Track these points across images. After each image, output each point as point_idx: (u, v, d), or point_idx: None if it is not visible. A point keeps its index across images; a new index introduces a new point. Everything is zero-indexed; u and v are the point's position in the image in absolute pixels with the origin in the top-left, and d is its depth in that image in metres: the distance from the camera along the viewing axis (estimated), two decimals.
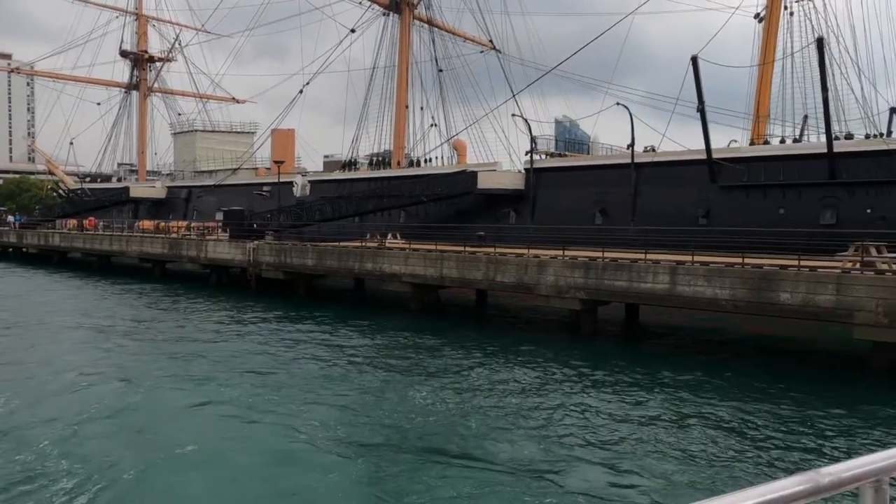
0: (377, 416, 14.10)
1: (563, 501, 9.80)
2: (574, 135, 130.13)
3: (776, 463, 11.46)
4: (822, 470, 1.52)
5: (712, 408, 14.91)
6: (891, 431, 13.55)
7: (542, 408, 14.85)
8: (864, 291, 17.66)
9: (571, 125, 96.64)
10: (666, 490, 10.12)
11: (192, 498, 10.05)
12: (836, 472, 1.53)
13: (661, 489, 10.23)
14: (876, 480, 1.59)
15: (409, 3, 56.53)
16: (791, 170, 32.42)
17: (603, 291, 22.81)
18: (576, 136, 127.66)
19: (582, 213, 38.60)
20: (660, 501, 9.59)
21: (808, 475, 1.49)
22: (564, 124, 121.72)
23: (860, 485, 1.59)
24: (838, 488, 1.52)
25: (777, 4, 39.30)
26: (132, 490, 10.14)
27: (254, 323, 26.88)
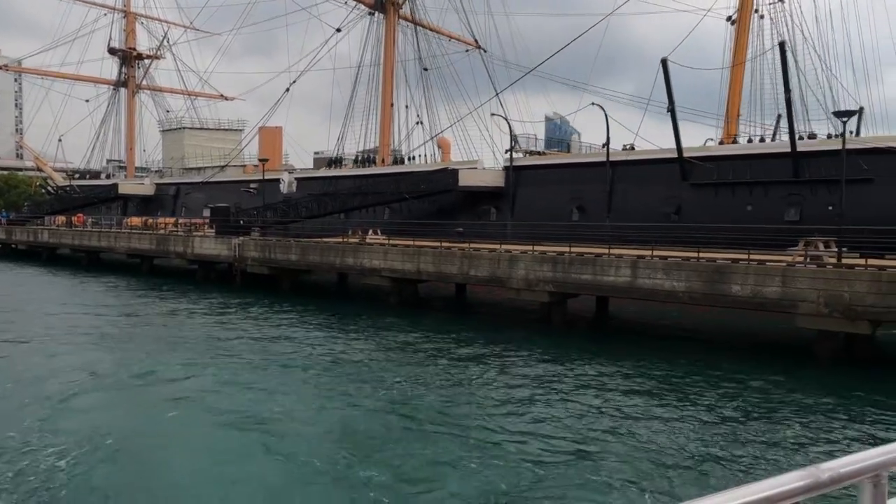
0: (351, 397, 15.17)
1: (529, 470, 10.90)
2: (564, 132, 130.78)
3: (739, 445, 12.51)
4: (821, 465, 1.52)
5: (665, 391, 16.08)
6: (834, 415, 14.70)
7: (507, 393, 15.99)
8: (807, 283, 18.89)
9: (562, 122, 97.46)
10: (624, 468, 11.19)
11: (174, 469, 11.09)
12: (836, 467, 1.52)
13: (617, 468, 11.33)
14: (875, 475, 1.59)
15: (395, 2, 57.44)
16: (758, 168, 33.69)
17: (570, 284, 23.97)
18: (566, 133, 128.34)
19: (560, 210, 39.77)
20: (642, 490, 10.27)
21: (807, 470, 1.49)
22: (555, 121, 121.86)
23: (859, 480, 1.58)
24: (837, 483, 1.52)
25: (748, 7, 40.56)
26: (119, 454, 11.18)
27: (236, 315, 27.88)
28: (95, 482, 10.29)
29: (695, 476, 10.73)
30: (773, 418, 14.04)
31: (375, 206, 45.94)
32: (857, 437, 12.94)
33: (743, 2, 40.66)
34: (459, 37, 61.96)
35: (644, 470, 10.93)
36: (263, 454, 11.59)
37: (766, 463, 11.43)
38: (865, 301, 18.00)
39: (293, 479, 10.54)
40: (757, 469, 11.06)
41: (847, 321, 18.31)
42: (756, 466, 11.23)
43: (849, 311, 18.23)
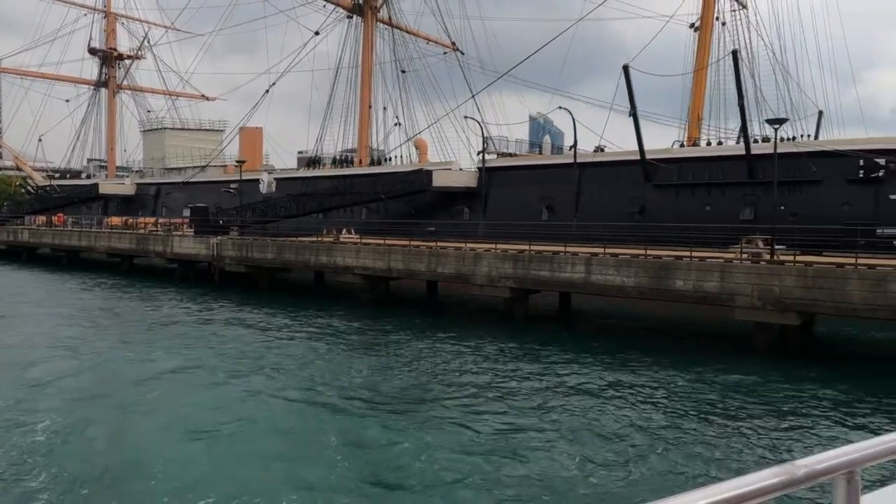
0: (317, 385, 16.37)
1: (483, 449, 12.17)
2: (549, 131, 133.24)
3: (686, 428, 13.87)
4: (797, 462, 1.54)
5: (616, 381, 17.45)
6: (769, 397, 16.10)
7: (461, 380, 17.27)
8: (743, 278, 20.36)
9: (546, 122, 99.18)
10: (569, 447, 12.46)
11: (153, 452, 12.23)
12: (811, 463, 1.54)
13: (566, 449, 12.62)
14: (849, 472, 1.62)
15: (372, 6, 58.51)
16: (715, 170, 35.29)
17: (529, 280, 25.32)
18: (550, 132, 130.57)
19: (530, 210, 41.18)
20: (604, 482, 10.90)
21: (783, 467, 1.50)
22: (538, 121, 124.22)
23: (833, 476, 1.61)
24: (813, 480, 1.54)
25: (710, 15, 42.21)
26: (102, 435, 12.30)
27: (211, 311, 28.94)
28: (73, 449, 11.42)
29: (643, 452, 12.01)
30: (715, 403, 15.43)
31: (353, 205, 47.09)
32: (783, 421, 14.35)
33: (705, 10, 42.32)
34: (437, 39, 63.13)
35: (591, 446, 12.27)
36: (226, 427, 12.78)
37: (703, 438, 12.80)
38: (794, 294, 19.51)
39: (247, 452, 11.72)
40: (697, 443, 12.39)
41: (778, 313, 19.81)
42: (696, 443, 12.58)
43: (779, 303, 19.73)
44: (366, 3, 58.26)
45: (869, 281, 18.30)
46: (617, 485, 10.33)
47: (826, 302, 19.03)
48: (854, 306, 18.63)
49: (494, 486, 10.24)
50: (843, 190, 32.01)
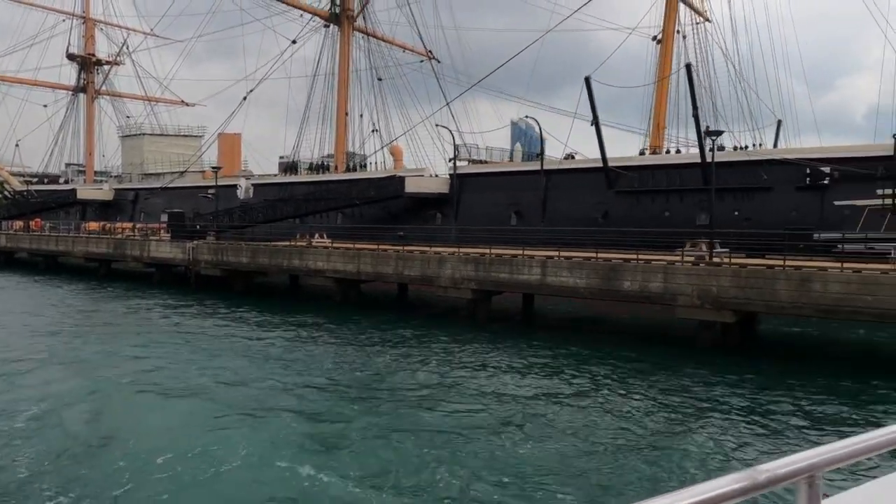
0: (277, 375, 17.50)
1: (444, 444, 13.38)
2: (530, 136, 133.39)
3: (634, 421, 15.17)
4: (759, 467, 1.56)
5: (568, 378, 18.78)
6: (708, 394, 17.48)
7: (418, 376, 18.51)
8: (684, 279, 21.83)
9: (528, 127, 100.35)
10: (520, 442, 13.67)
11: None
12: (773, 468, 1.56)
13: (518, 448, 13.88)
14: (809, 476, 1.64)
15: (349, 16, 59.75)
16: (673, 177, 36.95)
17: (490, 282, 26.64)
18: (532, 137, 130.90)
19: (499, 215, 42.58)
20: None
21: (745, 473, 1.52)
22: (520, 126, 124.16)
23: (795, 480, 1.63)
24: (775, 484, 1.56)
25: (671, 29, 44.00)
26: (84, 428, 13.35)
27: (181, 313, 29.91)
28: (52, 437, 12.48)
29: (594, 445, 13.26)
30: (662, 397, 16.77)
31: (328, 211, 48.20)
32: (722, 409, 15.73)
33: (667, 24, 44.11)
34: (412, 48, 64.43)
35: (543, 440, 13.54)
36: (190, 415, 13.89)
37: (653, 428, 14.12)
38: (729, 293, 21.00)
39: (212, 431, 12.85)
40: (648, 434, 13.67)
41: (715, 311, 21.28)
42: (646, 434, 13.87)
43: (716, 302, 21.21)
44: (342, 13, 59.50)
45: (795, 281, 19.82)
46: (554, 482, 10.85)
47: (757, 301, 20.54)
48: (782, 304, 20.14)
49: (431, 466, 11.46)
50: (792, 196, 33.75)
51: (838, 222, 31.45)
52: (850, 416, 14.71)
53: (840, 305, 19.08)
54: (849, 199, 31.41)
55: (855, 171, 31.73)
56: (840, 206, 31.60)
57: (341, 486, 10.44)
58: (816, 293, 19.38)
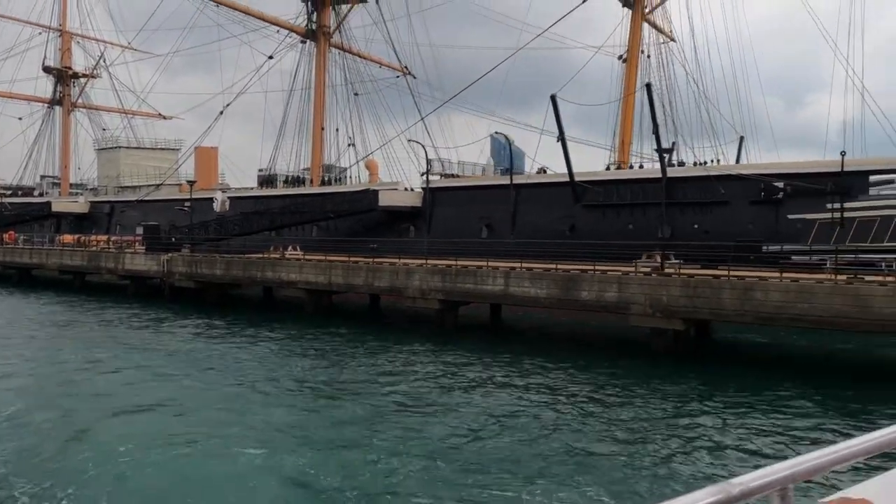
0: (244, 380, 18.24)
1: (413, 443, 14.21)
2: (509, 150, 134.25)
3: (593, 423, 16.14)
4: (732, 480, 1.58)
5: (525, 383, 19.73)
6: (660, 395, 18.50)
7: (381, 379, 19.34)
8: (637, 289, 22.97)
9: (507, 141, 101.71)
10: (488, 447, 14.58)
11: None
12: (746, 481, 1.58)
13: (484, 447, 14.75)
14: (782, 489, 1.67)
15: (325, 32, 60.79)
16: (637, 191, 38.30)
17: (456, 293, 27.60)
18: (511, 151, 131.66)
19: (471, 228, 43.64)
20: None
21: (719, 486, 1.54)
22: (499, 140, 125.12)
23: (768, 493, 1.65)
24: (748, 497, 1.58)
25: (636, 48, 45.64)
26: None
27: (159, 323, 30.43)
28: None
29: (559, 453, 14.17)
30: (618, 399, 17.79)
31: (303, 223, 48.93)
32: (672, 408, 16.77)
33: (632, 44, 45.74)
34: (389, 64, 65.54)
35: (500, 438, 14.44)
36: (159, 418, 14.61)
37: (613, 430, 15.08)
38: (679, 302, 22.16)
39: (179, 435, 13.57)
40: (609, 437, 14.62)
41: (666, 319, 22.43)
42: (607, 437, 14.84)
43: (666, 310, 22.36)
44: (319, 29, 60.54)
45: (738, 290, 21.04)
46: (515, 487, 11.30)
47: (704, 309, 21.73)
48: (727, 312, 21.35)
49: (385, 461, 12.32)
50: (748, 210, 35.22)
51: (791, 235, 32.94)
52: (780, 419, 15.84)
53: (780, 313, 20.31)
54: (801, 213, 33.00)
55: (806, 187, 33.30)
56: (793, 219, 33.13)
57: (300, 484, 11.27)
58: (758, 301, 20.60)
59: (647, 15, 46.55)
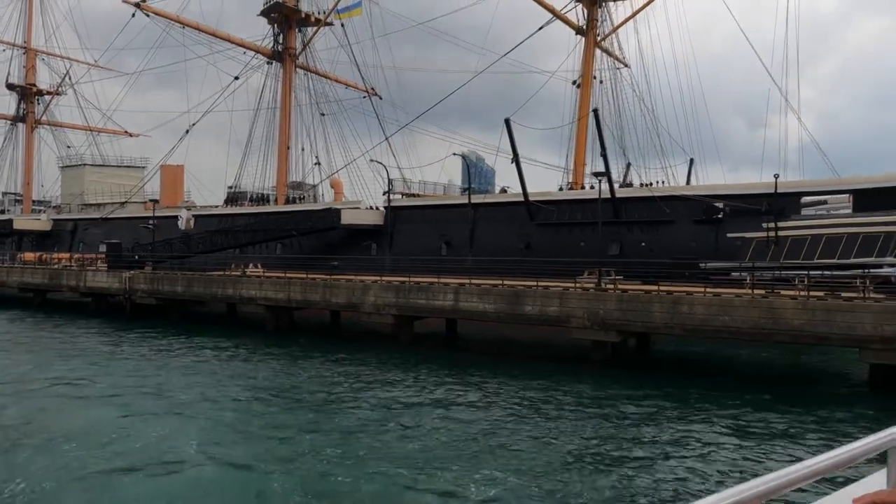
0: (200, 392, 19.09)
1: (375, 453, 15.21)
2: (479, 169, 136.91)
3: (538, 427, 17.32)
4: (707, 498, 1.62)
5: (468, 393, 20.89)
6: (598, 402, 19.77)
7: (332, 390, 20.35)
8: (576, 303, 24.39)
9: (478, 160, 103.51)
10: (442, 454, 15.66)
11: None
12: (721, 499, 1.62)
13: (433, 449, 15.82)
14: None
15: (291, 53, 62.00)
16: (588, 211, 40.00)
17: (409, 308, 28.75)
18: (481, 170, 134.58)
19: (431, 245, 44.88)
20: None
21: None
22: (470, 159, 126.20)
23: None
24: None
25: (589, 74, 47.71)
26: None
27: (119, 340, 30.97)
28: None
29: (502, 457, 15.30)
30: (553, 408, 19.04)
31: (267, 241, 49.70)
32: (608, 412, 18.06)
33: (585, 70, 47.80)
34: (355, 85, 66.94)
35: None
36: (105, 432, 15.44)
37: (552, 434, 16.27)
38: (613, 316, 23.63)
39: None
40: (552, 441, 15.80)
41: (603, 331, 23.87)
42: (550, 440, 16.02)
43: (603, 323, 23.80)
44: (285, 51, 61.72)
45: (667, 304, 22.59)
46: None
47: (637, 322, 23.22)
48: (657, 325, 22.87)
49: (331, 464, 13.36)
50: (691, 229, 37.11)
51: (731, 253, 34.86)
52: (712, 425, 17.26)
53: (704, 325, 21.89)
54: (739, 231, 34.98)
55: (744, 207, 35.32)
56: (732, 237, 35.08)
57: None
58: (685, 314, 22.16)
59: (601, 42, 48.71)
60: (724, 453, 14.12)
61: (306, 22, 61.75)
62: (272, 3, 60.06)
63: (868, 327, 19.34)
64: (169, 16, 54.74)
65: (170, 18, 54.50)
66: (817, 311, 20.10)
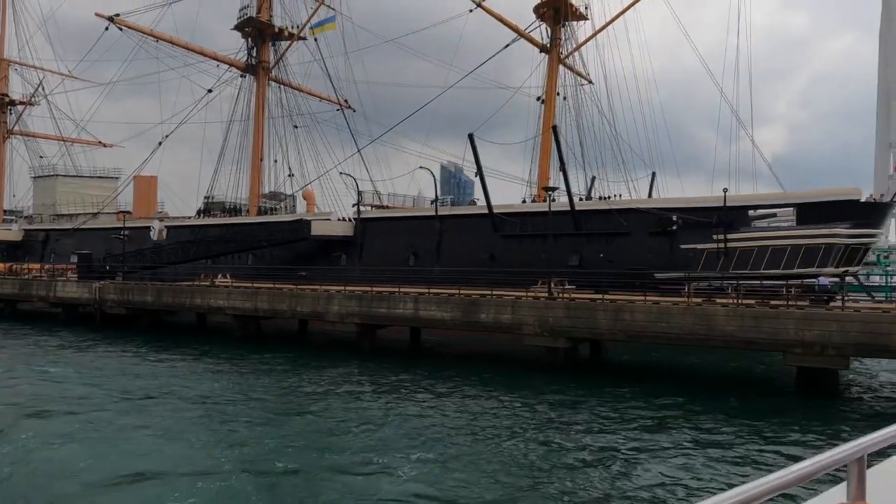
0: (159, 394, 19.97)
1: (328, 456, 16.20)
2: (459, 179, 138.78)
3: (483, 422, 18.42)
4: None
5: (421, 395, 21.99)
6: (558, 402, 20.95)
7: (289, 395, 21.34)
8: (527, 311, 25.67)
9: (456, 170, 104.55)
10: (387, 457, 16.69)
11: None
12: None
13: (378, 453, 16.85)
14: None
15: (265, 67, 62.97)
16: (549, 223, 41.43)
17: (371, 316, 29.82)
18: (460, 181, 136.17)
19: (399, 256, 46.00)
20: None
21: None
22: (450, 170, 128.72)
23: None
24: None
25: (552, 91, 49.39)
26: None
27: (88, 348, 31.59)
28: None
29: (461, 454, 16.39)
30: (505, 407, 20.20)
31: (238, 252, 50.43)
32: (555, 413, 19.24)
33: (549, 86, 49.48)
34: (328, 98, 68.07)
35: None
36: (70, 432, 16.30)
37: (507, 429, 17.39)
38: (562, 323, 24.94)
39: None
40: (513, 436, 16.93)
41: (552, 338, 25.16)
42: (507, 437, 17.14)
43: (552, 330, 25.09)
44: (258, 64, 62.68)
45: (610, 312, 23.96)
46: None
47: (583, 328, 24.56)
48: (601, 331, 24.22)
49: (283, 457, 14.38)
50: (646, 240, 38.68)
51: (684, 263, 36.47)
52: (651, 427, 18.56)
53: (644, 331, 23.27)
54: (692, 243, 36.62)
55: (696, 220, 36.99)
56: (685, 249, 36.71)
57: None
58: (626, 321, 23.53)
59: (564, 59, 50.43)
60: (649, 455, 15.38)
61: (280, 36, 62.84)
62: (246, 18, 61.10)
63: (791, 332, 20.84)
64: (142, 30, 55.46)
65: (143, 32, 55.20)
66: (746, 318, 21.58)
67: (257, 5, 61.52)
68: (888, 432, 2.37)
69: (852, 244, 34.81)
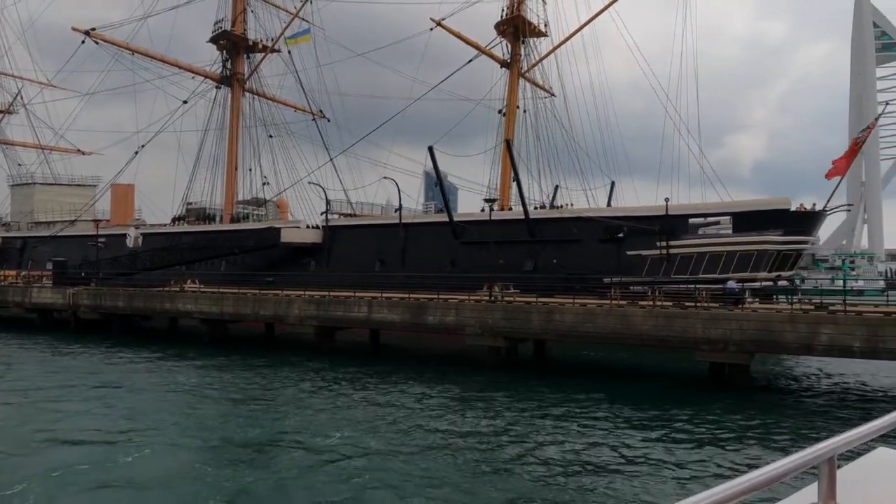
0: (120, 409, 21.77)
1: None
2: (444, 185, 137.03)
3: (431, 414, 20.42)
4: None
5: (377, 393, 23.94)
6: (501, 399, 22.97)
7: (250, 393, 23.22)
8: (470, 314, 27.74)
9: (442, 177, 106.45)
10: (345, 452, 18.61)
11: None
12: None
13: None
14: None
15: (239, 78, 64.78)
16: (506, 230, 43.66)
17: (329, 319, 31.75)
18: (445, 186, 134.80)
19: (366, 262, 47.98)
20: None
21: None
22: (433, 176, 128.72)
23: None
24: None
25: (513, 103, 51.69)
26: None
27: (61, 352, 33.24)
28: None
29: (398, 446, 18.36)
30: (433, 398, 22.21)
31: (211, 258, 52.10)
32: (501, 405, 21.27)
33: (510, 100, 51.79)
34: (302, 108, 69.99)
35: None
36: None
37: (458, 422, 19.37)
38: (501, 325, 27.03)
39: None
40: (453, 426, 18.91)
41: (492, 338, 27.23)
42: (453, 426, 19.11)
43: (492, 331, 27.18)
44: (233, 76, 64.48)
45: (543, 313, 26.09)
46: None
47: (520, 329, 26.66)
48: (535, 331, 26.34)
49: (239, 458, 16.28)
50: (596, 247, 40.97)
51: (630, 269, 38.81)
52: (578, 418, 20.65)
53: (572, 331, 25.42)
54: (637, 249, 38.97)
55: (641, 228, 39.33)
56: (631, 255, 39.05)
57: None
58: (557, 322, 25.67)
59: (524, 74, 52.76)
60: (572, 445, 17.48)
61: (254, 49, 64.69)
62: (220, 31, 62.91)
63: (699, 331, 23.09)
64: (118, 43, 57.06)
65: (119, 46, 56.80)
66: (660, 318, 23.80)
67: (232, 19, 63.36)
68: (859, 432, 2.40)
69: (784, 250, 37.42)
